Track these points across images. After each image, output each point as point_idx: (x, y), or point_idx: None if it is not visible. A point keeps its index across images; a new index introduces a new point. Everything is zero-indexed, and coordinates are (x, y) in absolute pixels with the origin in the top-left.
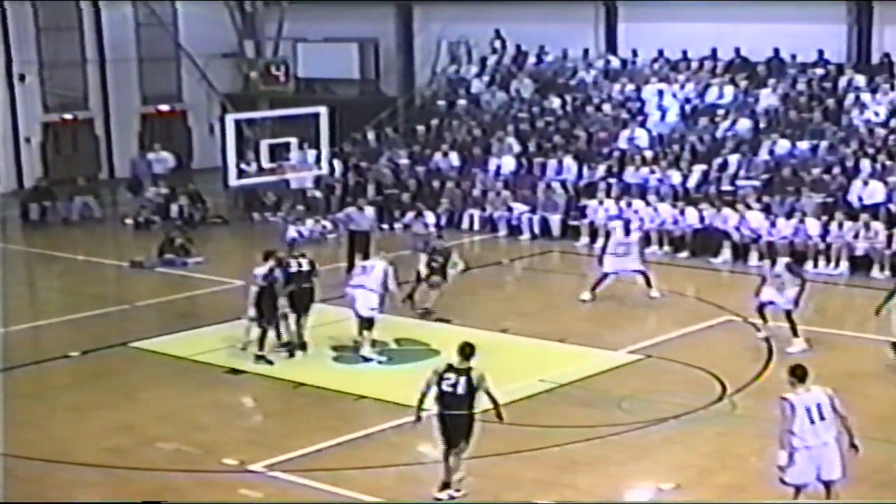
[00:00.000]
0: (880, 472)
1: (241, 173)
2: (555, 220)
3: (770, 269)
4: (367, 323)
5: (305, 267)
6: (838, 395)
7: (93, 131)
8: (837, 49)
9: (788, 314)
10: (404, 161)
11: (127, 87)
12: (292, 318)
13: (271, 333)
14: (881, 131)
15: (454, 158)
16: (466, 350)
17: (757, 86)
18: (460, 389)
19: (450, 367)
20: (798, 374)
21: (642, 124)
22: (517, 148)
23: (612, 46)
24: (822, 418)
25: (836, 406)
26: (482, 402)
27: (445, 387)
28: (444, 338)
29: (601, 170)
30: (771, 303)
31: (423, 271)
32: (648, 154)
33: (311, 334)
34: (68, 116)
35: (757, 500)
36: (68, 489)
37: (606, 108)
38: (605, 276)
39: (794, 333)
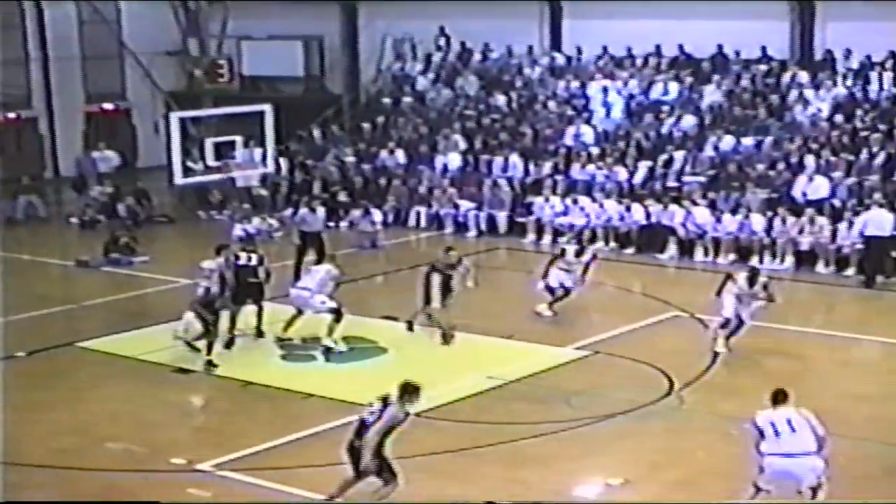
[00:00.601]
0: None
1: (187, 171)
2: (501, 216)
3: (749, 288)
4: (335, 315)
5: (254, 261)
6: (816, 416)
7: (37, 130)
8: (780, 46)
9: (741, 324)
10: (350, 159)
11: (70, 85)
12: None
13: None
14: (825, 126)
15: (400, 156)
16: (408, 389)
17: (701, 82)
18: (372, 419)
19: (384, 398)
20: (779, 399)
21: (588, 121)
22: (463, 145)
23: (556, 43)
24: (794, 430)
25: (813, 425)
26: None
27: (366, 414)
28: (391, 336)
29: (547, 167)
30: (738, 316)
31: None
32: (594, 151)
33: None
34: (11, 115)
35: (707, 496)
36: (16, 491)
37: (552, 105)
38: (552, 289)
39: (728, 338)
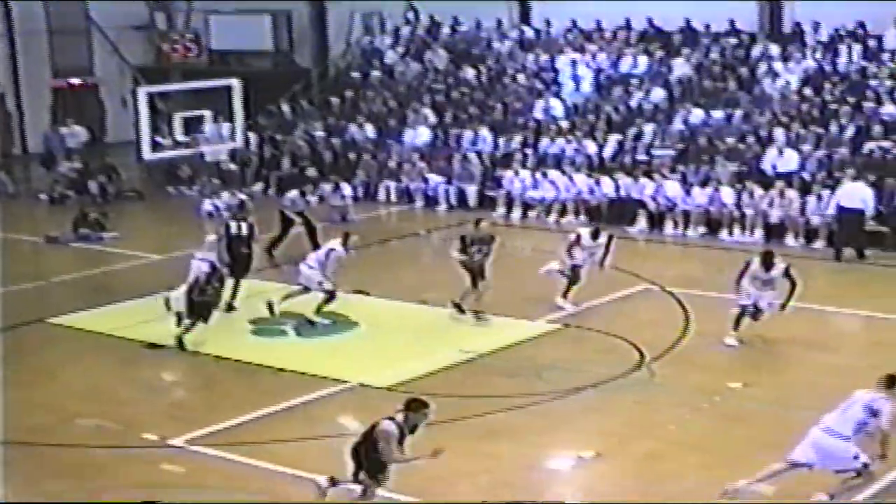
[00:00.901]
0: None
1: (156, 147)
2: (471, 190)
3: (764, 272)
4: (327, 295)
5: (244, 230)
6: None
7: (4, 106)
8: (749, 19)
9: (758, 312)
10: (319, 133)
11: (37, 60)
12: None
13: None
14: (794, 99)
15: (369, 130)
16: (411, 406)
17: (670, 55)
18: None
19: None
20: (885, 383)
21: (557, 94)
22: (432, 119)
23: (525, 17)
24: (844, 411)
25: (876, 411)
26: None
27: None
28: (362, 310)
29: (517, 140)
30: (755, 304)
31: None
32: (564, 124)
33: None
34: None
35: (678, 468)
36: None
37: (521, 78)
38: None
39: (735, 328)
